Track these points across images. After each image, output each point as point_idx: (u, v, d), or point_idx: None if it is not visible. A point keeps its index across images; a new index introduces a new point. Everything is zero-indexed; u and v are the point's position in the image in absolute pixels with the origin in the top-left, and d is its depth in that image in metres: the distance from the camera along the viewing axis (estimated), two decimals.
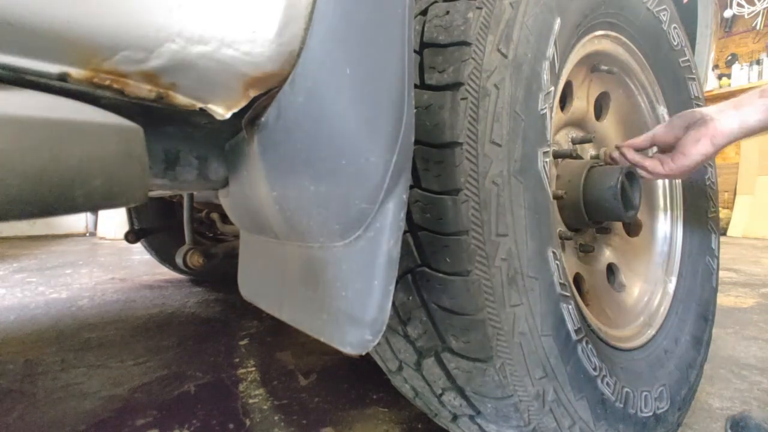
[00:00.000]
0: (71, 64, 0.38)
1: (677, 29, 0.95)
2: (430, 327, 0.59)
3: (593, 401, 0.63)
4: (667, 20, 0.92)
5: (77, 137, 0.30)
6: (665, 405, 0.77)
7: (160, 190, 0.68)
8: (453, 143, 0.53)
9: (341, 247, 0.46)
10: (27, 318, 1.60)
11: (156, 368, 1.16)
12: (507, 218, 0.55)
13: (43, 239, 4.22)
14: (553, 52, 0.63)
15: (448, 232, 0.54)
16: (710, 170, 1.01)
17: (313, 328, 0.50)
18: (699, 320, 0.92)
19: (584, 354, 0.63)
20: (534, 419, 0.58)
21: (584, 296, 0.83)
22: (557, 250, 0.61)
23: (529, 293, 0.56)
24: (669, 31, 0.93)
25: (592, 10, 0.72)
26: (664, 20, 0.91)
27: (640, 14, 0.85)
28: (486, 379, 0.57)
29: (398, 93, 0.38)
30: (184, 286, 2.17)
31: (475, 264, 0.53)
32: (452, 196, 0.53)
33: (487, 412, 0.61)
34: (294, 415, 0.92)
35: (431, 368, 0.62)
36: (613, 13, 0.79)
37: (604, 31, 0.79)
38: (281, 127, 0.47)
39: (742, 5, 5.99)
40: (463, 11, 0.55)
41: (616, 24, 0.80)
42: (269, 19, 0.42)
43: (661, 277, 0.93)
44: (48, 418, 0.90)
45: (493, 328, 0.54)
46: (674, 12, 0.94)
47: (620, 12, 0.80)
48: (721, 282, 2.30)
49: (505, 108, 0.56)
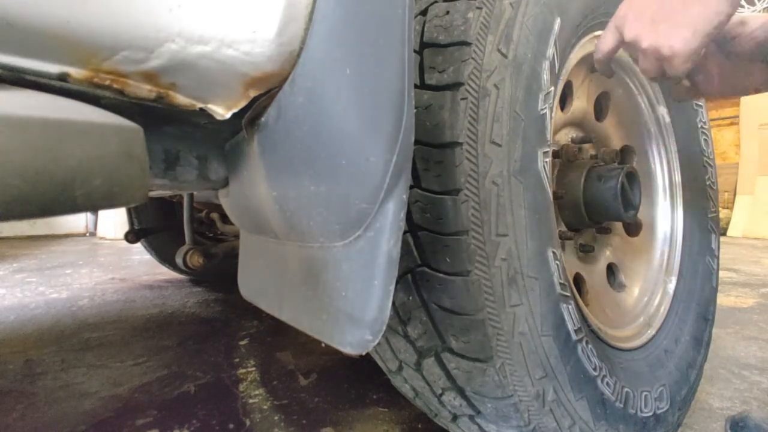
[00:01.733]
0: (71, 64, 0.38)
1: None
2: (430, 327, 0.59)
3: (593, 401, 0.63)
4: None
5: (77, 137, 0.30)
6: (665, 405, 0.77)
7: (160, 190, 0.68)
8: (453, 143, 0.53)
9: (341, 247, 0.46)
10: (27, 318, 1.60)
11: (156, 368, 1.16)
12: (507, 218, 0.55)
13: (43, 239, 4.22)
14: (553, 52, 0.63)
15: (448, 232, 0.54)
16: (710, 170, 1.01)
17: (313, 328, 0.50)
18: (699, 320, 0.92)
19: (584, 354, 0.63)
20: (534, 419, 0.58)
21: (584, 296, 0.83)
22: (557, 250, 0.61)
23: (529, 293, 0.56)
24: None
25: (592, 10, 0.72)
26: None
27: None
28: (486, 379, 0.57)
29: (398, 93, 0.38)
30: (184, 286, 2.17)
31: (475, 264, 0.53)
32: (452, 196, 0.53)
33: (487, 412, 0.61)
34: (294, 415, 0.92)
35: (431, 368, 0.62)
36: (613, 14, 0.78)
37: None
38: (281, 127, 0.48)
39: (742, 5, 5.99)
40: (463, 11, 0.55)
41: None
42: (269, 19, 0.42)
43: (661, 277, 0.93)
44: (48, 418, 0.90)
45: (493, 328, 0.54)
46: None
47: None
48: (721, 282, 2.30)
49: (505, 108, 0.56)
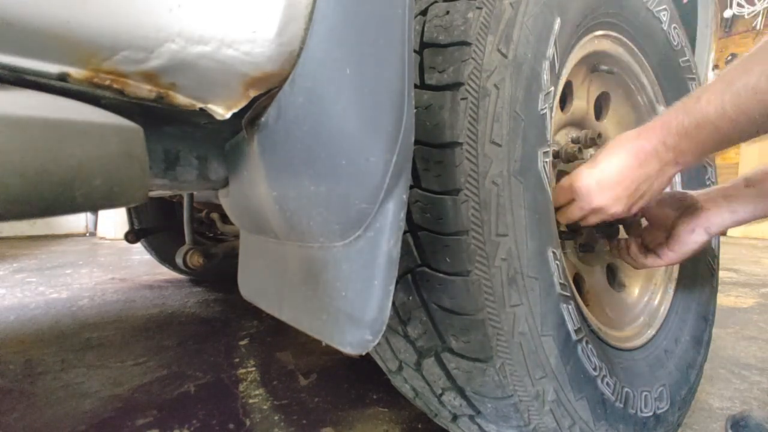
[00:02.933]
0: (71, 64, 0.38)
1: (677, 29, 0.95)
2: (430, 327, 0.59)
3: (593, 401, 0.63)
4: (667, 20, 0.92)
5: (77, 137, 0.30)
6: (665, 405, 0.77)
7: (160, 190, 0.68)
8: (453, 143, 0.53)
9: (341, 247, 0.46)
10: (27, 318, 1.60)
11: (156, 368, 1.16)
12: (507, 218, 0.55)
13: (43, 239, 4.22)
14: (553, 52, 0.63)
15: (448, 232, 0.54)
16: (710, 170, 1.01)
17: (313, 328, 0.50)
18: (699, 320, 0.92)
19: (584, 354, 0.63)
20: (534, 419, 0.58)
21: (584, 296, 0.83)
22: (557, 250, 0.61)
23: (529, 293, 0.56)
24: (669, 31, 0.93)
25: (592, 10, 0.72)
26: (664, 20, 0.91)
27: (640, 14, 0.85)
28: (486, 379, 0.57)
29: (398, 93, 0.38)
30: (184, 286, 2.17)
31: (475, 264, 0.53)
32: (452, 196, 0.53)
33: (487, 412, 0.61)
34: (294, 415, 0.92)
35: (431, 368, 0.62)
36: (613, 13, 0.78)
37: (605, 31, 0.79)
38: (281, 127, 0.48)
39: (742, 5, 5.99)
40: (463, 11, 0.55)
41: (616, 24, 0.80)
42: (269, 19, 0.42)
43: (661, 277, 0.93)
44: (48, 418, 0.90)
45: (493, 328, 0.54)
46: (674, 12, 0.94)
47: (620, 12, 0.80)
48: (721, 282, 2.30)
49: (505, 108, 0.56)
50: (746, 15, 5.99)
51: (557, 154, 0.81)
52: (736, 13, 6.03)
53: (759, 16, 5.94)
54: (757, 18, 5.96)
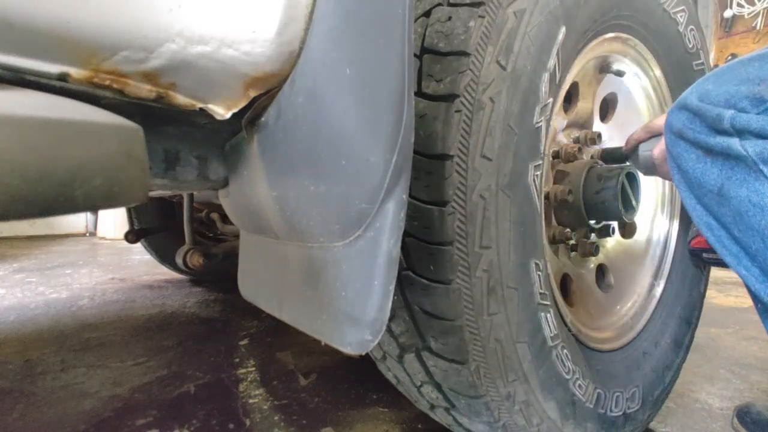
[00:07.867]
0: (71, 64, 0.38)
1: (694, 31, 0.91)
2: (412, 326, 0.60)
3: (563, 402, 0.64)
4: (684, 22, 0.87)
5: (77, 137, 0.30)
6: (636, 405, 0.78)
7: (160, 190, 0.68)
8: (444, 155, 0.53)
9: (341, 247, 0.46)
10: (27, 318, 1.60)
11: (156, 368, 1.16)
12: (491, 231, 0.55)
13: (43, 239, 4.22)
14: (554, 63, 0.61)
15: (433, 241, 0.54)
16: None
17: (313, 328, 0.50)
18: (682, 324, 0.92)
19: (558, 359, 0.64)
20: (504, 417, 0.60)
21: (570, 296, 0.83)
22: (540, 261, 0.61)
23: (507, 303, 0.57)
24: (685, 33, 0.89)
25: (602, 14, 0.70)
26: (681, 21, 0.87)
27: (656, 16, 0.82)
28: (461, 378, 0.58)
29: (398, 93, 0.38)
30: (184, 286, 2.17)
31: (457, 273, 0.54)
32: (440, 207, 0.53)
33: (461, 406, 0.62)
34: (294, 415, 0.92)
35: (412, 363, 0.64)
36: (626, 15, 0.76)
37: (615, 34, 0.76)
38: (281, 127, 0.48)
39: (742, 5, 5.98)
40: (464, 19, 0.54)
41: (628, 26, 0.77)
42: (269, 19, 0.42)
43: (649, 281, 0.93)
44: (48, 418, 0.90)
45: (470, 333, 0.55)
46: (693, 13, 0.89)
47: (634, 14, 0.77)
48: (721, 282, 2.30)
49: (499, 122, 0.55)
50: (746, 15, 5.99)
51: (557, 155, 0.81)
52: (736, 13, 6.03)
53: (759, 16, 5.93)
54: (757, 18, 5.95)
